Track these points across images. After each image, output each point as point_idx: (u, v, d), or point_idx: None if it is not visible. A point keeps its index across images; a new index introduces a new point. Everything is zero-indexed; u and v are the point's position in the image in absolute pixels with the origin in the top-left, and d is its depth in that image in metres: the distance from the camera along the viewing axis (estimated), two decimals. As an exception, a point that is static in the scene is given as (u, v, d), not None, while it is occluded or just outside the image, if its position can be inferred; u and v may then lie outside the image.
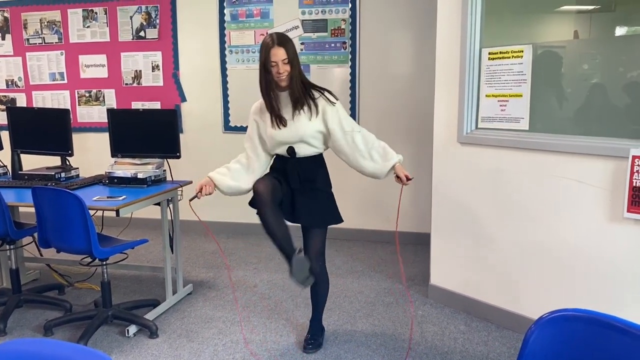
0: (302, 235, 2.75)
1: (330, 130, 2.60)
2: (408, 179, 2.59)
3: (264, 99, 2.62)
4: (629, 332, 1.07)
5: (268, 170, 2.77)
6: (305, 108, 2.58)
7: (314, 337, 2.86)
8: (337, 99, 2.65)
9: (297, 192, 2.65)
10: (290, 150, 2.62)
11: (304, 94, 2.58)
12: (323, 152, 2.72)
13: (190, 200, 2.61)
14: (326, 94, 2.63)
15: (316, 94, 2.62)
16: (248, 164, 2.74)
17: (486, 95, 3.02)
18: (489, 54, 2.98)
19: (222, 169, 2.73)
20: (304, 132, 2.58)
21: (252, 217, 4.96)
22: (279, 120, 2.59)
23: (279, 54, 2.48)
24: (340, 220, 2.74)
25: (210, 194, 2.64)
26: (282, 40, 2.52)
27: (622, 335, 1.08)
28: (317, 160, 2.70)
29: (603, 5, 3.04)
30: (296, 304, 3.39)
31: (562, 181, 2.70)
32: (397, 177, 2.62)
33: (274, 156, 2.75)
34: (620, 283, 2.53)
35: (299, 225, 2.72)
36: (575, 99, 2.80)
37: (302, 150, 2.63)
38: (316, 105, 2.59)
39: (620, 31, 2.99)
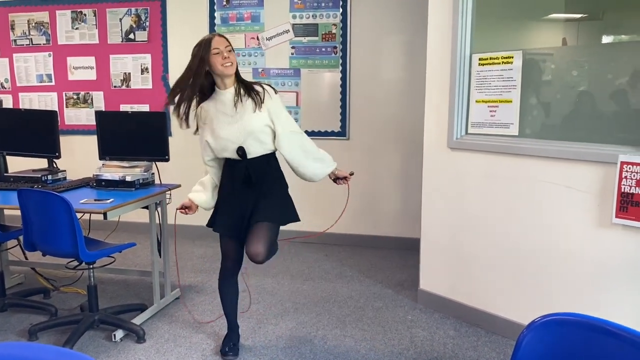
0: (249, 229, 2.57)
1: (277, 129, 2.55)
2: (351, 174, 2.75)
3: (189, 94, 2.50)
4: (620, 336, 1.07)
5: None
6: (249, 102, 2.52)
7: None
8: (277, 92, 2.62)
9: (247, 204, 2.57)
10: (241, 151, 2.53)
11: (246, 87, 2.55)
12: (274, 151, 2.63)
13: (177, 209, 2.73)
14: (267, 88, 2.59)
15: (258, 88, 2.56)
16: (211, 179, 2.75)
17: (476, 101, 3.04)
18: (479, 59, 2.99)
19: (197, 186, 2.78)
20: (252, 126, 2.50)
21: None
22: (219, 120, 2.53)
23: (221, 41, 2.50)
24: (295, 219, 2.68)
25: (187, 213, 2.73)
26: (221, 34, 2.57)
27: (613, 339, 1.08)
28: (270, 160, 2.62)
29: (590, 14, 3.07)
30: (285, 309, 3.37)
31: (551, 187, 2.72)
32: (339, 178, 2.75)
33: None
34: (609, 288, 2.54)
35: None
36: (564, 105, 2.82)
37: (253, 149, 2.54)
38: (261, 100, 2.53)
39: (607, 39, 3.03)
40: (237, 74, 2.57)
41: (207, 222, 2.73)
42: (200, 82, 2.50)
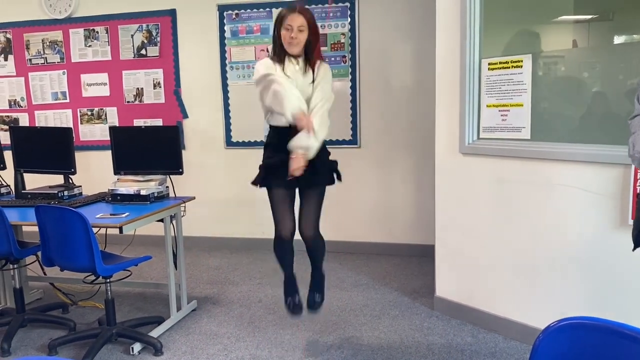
0: (300, 202, 2.83)
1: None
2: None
3: (278, 53, 2.73)
4: (638, 339, 1.06)
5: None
6: (310, 73, 2.73)
7: (316, 287, 3.02)
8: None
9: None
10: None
11: (306, 62, 2.73)
12: None
13: None
14: (323, 68, 2.78)
15: (316, 66, 2.75)
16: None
17: (487, 106, 3.03)
18: (489, 64, 2.99)
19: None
20: (309, 96, 2.71)
21: (255, 232, 4.96)
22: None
23: (297, 19, 2.62)
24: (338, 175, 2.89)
25: None
26: (304, 10, 2.68)
27: (631, 342, 1.06)
28: None
29: (601, 15, 3.05)
30: (301, 318, 3.37)
31: (565, 189, 2.69)
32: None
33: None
34: (626, 291, 2.51)
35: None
36: (576, 107, 2.80)
37: None
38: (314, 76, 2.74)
39: (618, 39, 3.01)
40: (307, 46, 2.68)
41: (254, 180, 2.81)
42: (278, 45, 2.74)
